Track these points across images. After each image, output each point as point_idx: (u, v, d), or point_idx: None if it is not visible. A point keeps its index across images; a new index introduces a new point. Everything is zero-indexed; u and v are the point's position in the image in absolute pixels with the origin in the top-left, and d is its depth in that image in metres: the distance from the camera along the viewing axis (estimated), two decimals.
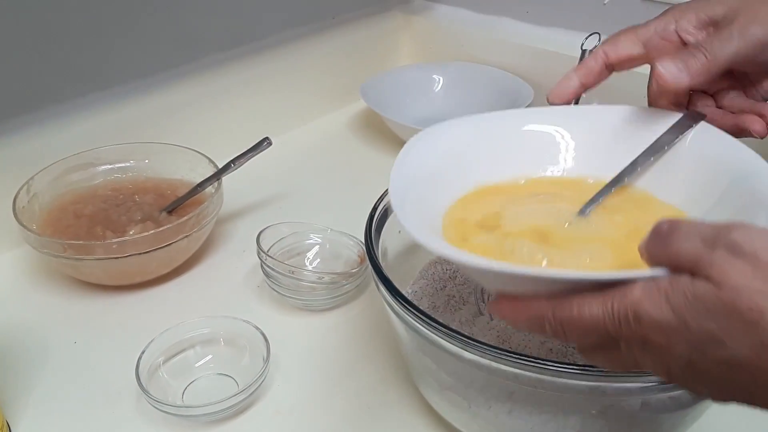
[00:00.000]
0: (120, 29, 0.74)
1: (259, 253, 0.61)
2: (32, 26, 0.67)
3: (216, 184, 0.68)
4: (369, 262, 0.46)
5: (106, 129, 0.74)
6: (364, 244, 0.48)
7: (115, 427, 0.52)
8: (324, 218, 0.69)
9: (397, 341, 0.49)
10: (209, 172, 0.69)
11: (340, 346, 0.58)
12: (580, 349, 0.34)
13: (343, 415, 0.52)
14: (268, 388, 0.54)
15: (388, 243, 0.51)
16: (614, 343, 0.31)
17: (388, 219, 0.51)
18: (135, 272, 0.64)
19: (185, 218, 0.62)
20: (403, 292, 0.43)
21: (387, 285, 0.44)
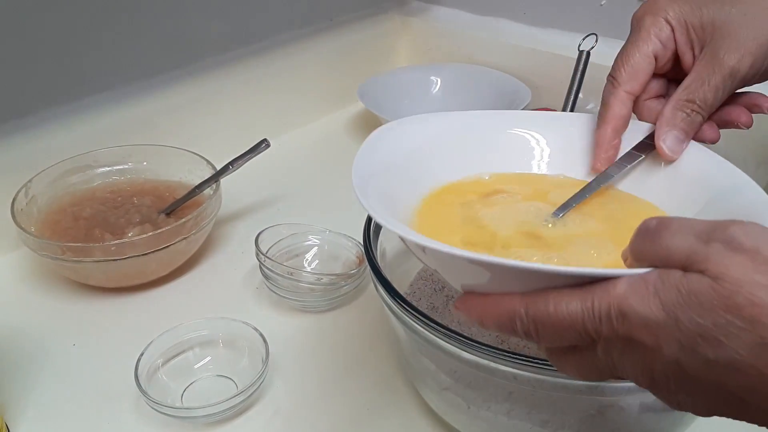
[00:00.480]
0: (118, 32, 0.74)
1: (258, 255, 0.61)
2: (30, 29, 0.67)
3: (214, 186, 0.68)
4: (368, 264, 0.46)
5: (105, 131, 0.74)
6: (363, 246, 0.48)
7: (115, 429, 0.52)
8: (322, 220, 0.69)
9: (396, 342, 0.49)
10: (207, 174, 0.69)
11: (339, 347, 0.59)
12: (550, 353, 0.31)
13: (342, 416, 0.52)
14: (267, 390, 0.54)
15: (387, 244, 0.52)
16: (590, 346, 0.29)
17: None
18: (134, 274, 0.64)
19: (184, 220, 0.62)
20: (402, 293, 0.43)
21: (386, 286, 0.44)
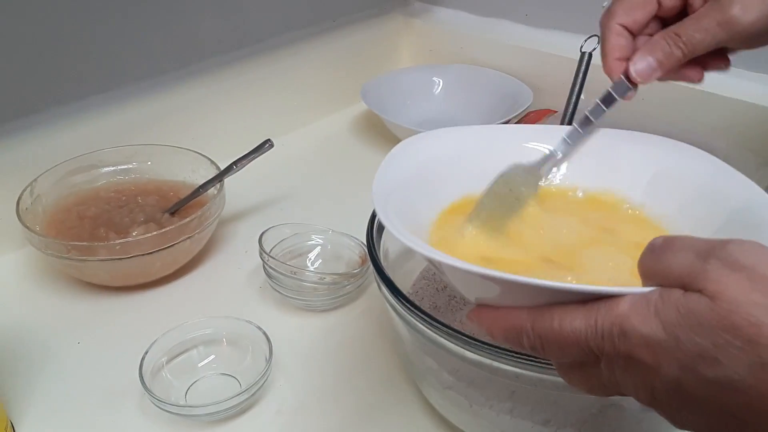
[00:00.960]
0: (123, 32, 0.74)
1: (261, 254, 0.62)
2: (35, 29, 0.67)
3: (218, 186, 0.68)
4: (371, 263, 0.47)
5: (109, 131, 0.75)
6: (366, 245, 0.48)
7: (119, 427, 0.52)
8: (325, 219, 0.69)
9: (399, 341, 0.50)
10: (211, 174, 0.69)
11: (342, 347, 0.59)
12: (559, 367, 0.32)
13: (345, 415, 0.52)
14: (271, 388, 0.55)
15: (390, 244, 0.52)
16: (594, 362, 0.29)
17: None
18: (138, 273, 0.64)
19: (188, 220, 0.63)
20: (405, 293, 0.44)
21: (389, 285, 0.44)
